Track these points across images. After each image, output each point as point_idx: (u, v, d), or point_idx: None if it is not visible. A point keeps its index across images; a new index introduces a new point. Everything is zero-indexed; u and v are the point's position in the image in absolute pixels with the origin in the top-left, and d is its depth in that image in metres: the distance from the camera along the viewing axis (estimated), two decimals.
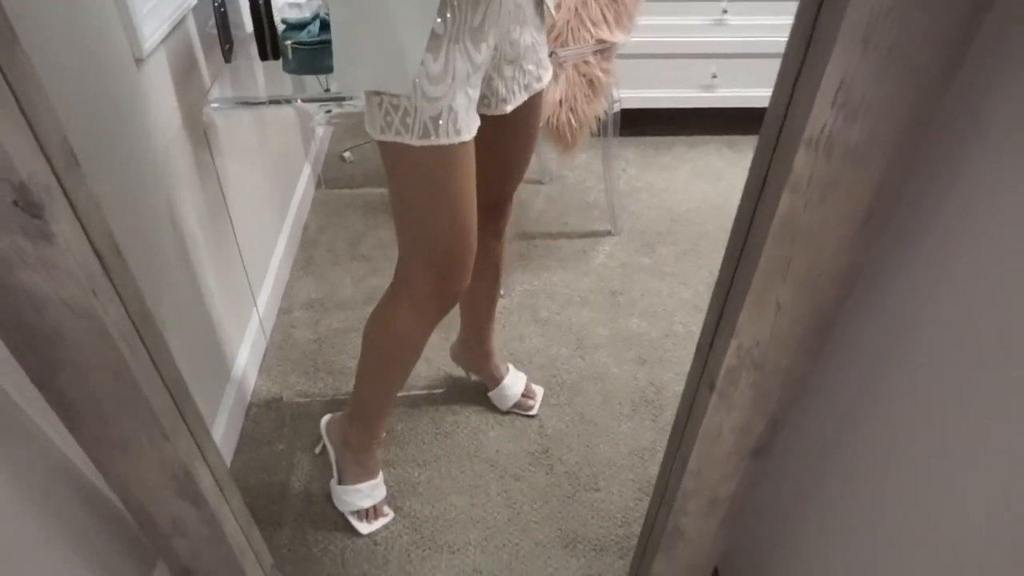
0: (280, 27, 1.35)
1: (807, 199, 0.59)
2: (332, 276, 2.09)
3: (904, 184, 0.58)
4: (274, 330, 1.89)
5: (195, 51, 1.39)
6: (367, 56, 0.93)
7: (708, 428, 0.80)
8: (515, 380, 1.66)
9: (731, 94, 2.55)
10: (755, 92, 2.53)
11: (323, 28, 1.33)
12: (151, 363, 0.72)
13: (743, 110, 2.59)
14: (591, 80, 1.77)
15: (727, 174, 2.54)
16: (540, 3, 1.06)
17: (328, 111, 1.42)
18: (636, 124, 2.66)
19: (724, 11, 2.34)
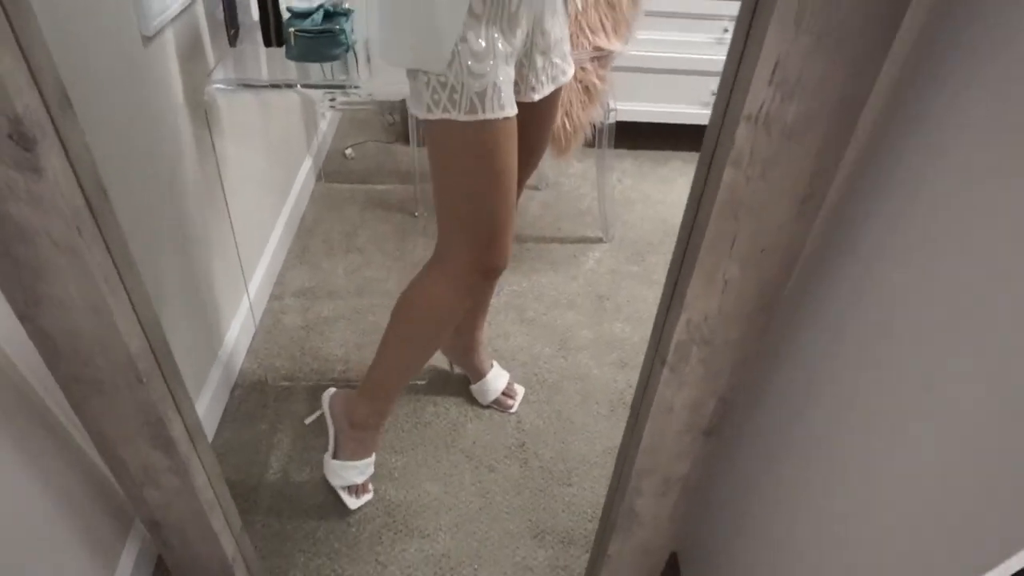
0: (285, 15, 1.40)
1: (748, 174, 0.62)
2: (326, 266, 2.13)
3: (838, 161, 0.62)
4: (264, 314, 1.93)
5: (201, 34, 1.44)
6: (407, 35, 0.99)
7: (660, 404, 0.83)
8: (498, 376, 1.69)
9: None
10: None
11: (327, 18, 1.38)
12: (130, 305, 0.75)
13: None
14: (587, 87, 1.82)
15: None
16: None
17: (332, 98, 1.47)
18: (635, 137, 2.70)
19: (725, 30, 2.39)
